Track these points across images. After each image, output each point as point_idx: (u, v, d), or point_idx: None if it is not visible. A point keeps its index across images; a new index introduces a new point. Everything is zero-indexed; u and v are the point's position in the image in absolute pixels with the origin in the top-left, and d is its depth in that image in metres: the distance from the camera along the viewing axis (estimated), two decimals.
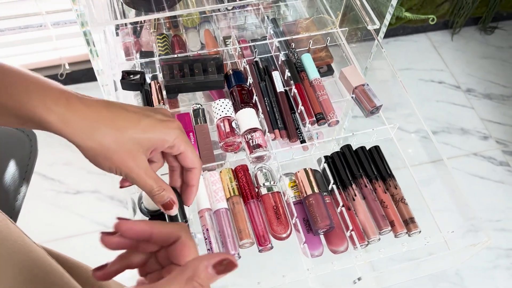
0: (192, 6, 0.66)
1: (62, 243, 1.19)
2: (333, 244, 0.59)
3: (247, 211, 0.61)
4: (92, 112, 0.39)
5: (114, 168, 0.41)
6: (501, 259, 1.25)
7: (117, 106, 0.41)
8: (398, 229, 0.60)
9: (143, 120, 0.41)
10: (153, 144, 0.42)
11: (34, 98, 0.37)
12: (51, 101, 0.38)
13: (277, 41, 0.79)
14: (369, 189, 0.63)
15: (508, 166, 1.43)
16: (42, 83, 0.38)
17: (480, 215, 1.32)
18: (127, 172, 0.42)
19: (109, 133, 0.39)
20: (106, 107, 0.40)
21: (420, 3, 1.57)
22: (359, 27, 0.79)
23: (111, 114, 0.40)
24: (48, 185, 1.28)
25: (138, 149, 0.41)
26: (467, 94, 1.59)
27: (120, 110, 0.41)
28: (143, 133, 0.41)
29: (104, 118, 0.40)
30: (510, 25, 1.80)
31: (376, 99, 0.71)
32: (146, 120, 0.42)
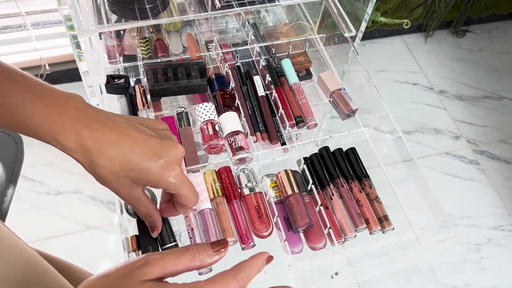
0: (176, 14, 0.68)
1: (44, 244, 1.19)
2: (312, 242, 0.62)
3: (230, 211, 0.64)
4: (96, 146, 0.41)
5: (109, 189, 0.44)
6: (471, 254, 1.31)
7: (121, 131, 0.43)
8: (373, 227, 0.64)
9: (144, 163, 0.43)
10: (148, 183, 0.45)
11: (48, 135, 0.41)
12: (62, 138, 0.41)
13: (258, 46, 0.82)
14: (346, 188, 0.66)
15: (478, 164, 1.49)
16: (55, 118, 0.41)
17: (451, 212, 1.38)
18: (121, 197, 0.45)
19: (107, 169, 0.42)
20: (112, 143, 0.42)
21: (395, 7, 1.62)
22: (336, 33, 0.83)
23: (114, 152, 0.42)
24: (29, 186, 1.28)
25: (132, 184, 0.44)
26: (440, 96, 1.65)
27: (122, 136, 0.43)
28: (140, 174, 0.43)
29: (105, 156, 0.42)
30: (480, 28, 1.87)
31: (352, 102, 0.74)
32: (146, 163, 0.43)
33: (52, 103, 0.41)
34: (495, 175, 1.47)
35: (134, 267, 0.34)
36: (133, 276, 0.33)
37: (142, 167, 0.43)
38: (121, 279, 0.33)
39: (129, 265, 0.34)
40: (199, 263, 0.37)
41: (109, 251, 1.21)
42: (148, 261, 0.34)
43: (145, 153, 0.43)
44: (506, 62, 1.78)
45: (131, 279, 0.33)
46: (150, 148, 0.43)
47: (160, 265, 0.35)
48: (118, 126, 0.43)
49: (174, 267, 0.36)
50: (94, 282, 0.33)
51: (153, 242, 0.58)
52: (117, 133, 0.42)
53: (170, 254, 0.36)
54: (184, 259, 0.36)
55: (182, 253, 0.36)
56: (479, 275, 1.27)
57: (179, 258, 0.36)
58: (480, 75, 1.73)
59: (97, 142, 0.41)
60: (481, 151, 1.53)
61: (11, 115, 0.40)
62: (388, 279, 1.24)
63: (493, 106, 1.65)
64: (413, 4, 1.64)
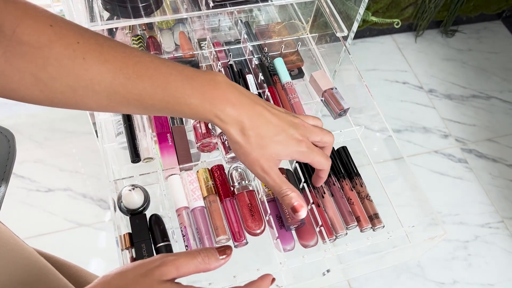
0: (169, 12, 0.68)
1: (35, 241, 1.19)
2: (304, 239, 0.63)
3: (223, 208, 0.64)
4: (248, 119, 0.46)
5: (249, 166, 0.49)
6: (459, 251, 1.33)
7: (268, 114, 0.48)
8: (363, 224, 0.65)
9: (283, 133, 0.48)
10: (287, 155, 0.49)
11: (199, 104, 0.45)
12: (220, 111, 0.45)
13: (251, 45, 0.82)
14: (337, 187, 0.67)
15: (466, 163, 1.51)
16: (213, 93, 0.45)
17: (440, 209, 1.40)
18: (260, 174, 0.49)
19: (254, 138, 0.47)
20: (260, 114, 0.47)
21: (385, 7, 1.63)
22: (328, 32, 0.83)
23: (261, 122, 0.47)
24: (19, 183, 1.28)
25: (274, 158, 0.49)
26: (429, 95, 1.67)
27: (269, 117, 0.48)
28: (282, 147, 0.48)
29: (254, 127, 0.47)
30: (469, 28, 1.89)
31: (343, 101, 0.75)
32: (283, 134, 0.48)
33: (205, 81, 0.45)
34: (482, 174, 1.49)
35: (152, 266, 0.36)
36: (152, 275, 0.35)
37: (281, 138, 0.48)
38: (141, 277, 0.35)
39: (147, 264, 0.36)
40: (208, 266, 0.40)
41: (100, 249, 1.21)
42: (165, 261, 0.37)
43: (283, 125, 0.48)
44: (494, 62, 1.80)
45: (150, 278, 0.35)
46: (287, 120, 0.49)
47: (175, 266, 0.37)
48: (258, 99, 0.48)
49: (187, 268, 0.38)
50: (112, 279, 0.35)
51: (146, 240, 0.58)
52: (260, 105, 0.47)
53: (184, 256, 0.38)
54: (196, 262, 0.39)
55: (194, 256, 0.39)
56: (467, 271, 1.30)
57: (192, 261, 0.39)
58: (469, 74, 1.75)
59: (247, 113, 0.46)
60: (469, 149, 1.55)
61: (172, 97, 0.43)
62: (377, 276, 1.25)
63: (481, 106, 1.67)
64: (403, 4, 1.65)
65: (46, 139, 1.35)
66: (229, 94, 0.45)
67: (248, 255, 0.64)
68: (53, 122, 1.39)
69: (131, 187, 0.61)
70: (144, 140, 0.68)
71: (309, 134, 0.51)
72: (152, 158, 0.67)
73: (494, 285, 1.28)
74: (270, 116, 0.48)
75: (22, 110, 1.41)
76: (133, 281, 0.34)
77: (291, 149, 0.49)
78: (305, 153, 0.50)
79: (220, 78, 0.46)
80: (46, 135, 1.36)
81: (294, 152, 0.50)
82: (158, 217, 0.61)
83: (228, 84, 0.46)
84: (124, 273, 0.35)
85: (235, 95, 0.46)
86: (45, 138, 1.36)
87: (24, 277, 0.44)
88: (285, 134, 0.48)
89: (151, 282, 0.34)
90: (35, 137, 1.36)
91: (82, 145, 1.35)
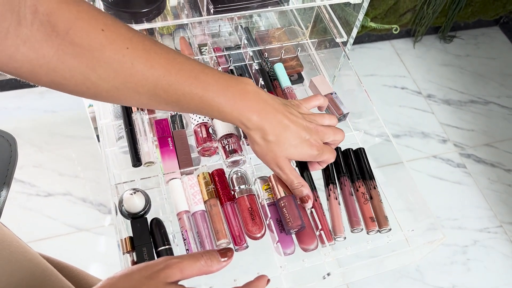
0: (170, 18, 0.69)
1: (34, 246, 1.18)
2: (304, 243, 0.63)
3: (223, 212, 0.65)
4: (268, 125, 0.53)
5: (265, 162, 0.57)
6: (458, 256, 1.34)
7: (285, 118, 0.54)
8: (370, 227, 0.65)
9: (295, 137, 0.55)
10: (298, 157, 0.57)
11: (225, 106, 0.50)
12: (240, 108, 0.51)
13: (251, 50, 0.83)
14: (349, 188, 0.68)
15: (464, 168, 1.52)
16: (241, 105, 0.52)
17: (439, 214, 1.41)
18: (275, 170, 0.58)
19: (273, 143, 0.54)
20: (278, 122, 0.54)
21: (384, 13, 1.64)
22: (327, 38, 0.84)
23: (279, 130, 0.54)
24: (18, 187, 1.28)
25: (286, 158, 0.56)
26: (428, 100, 1.68)
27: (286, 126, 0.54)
28: (295, 149, 0.55)
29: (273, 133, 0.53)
30: (467, 34, 1.91)
31: (343, 106, 0.76)
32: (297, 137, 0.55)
33: (236, 91, 0.50)
34: (481, 178, 1.50)
35: (157, 269, 0.37)
36: (158, 278, 0.36)
37: (297, 143, 0.55)
38: (147, 279, 0.36)
39: (151, 266, 0.37)
40: (210, 269, 0.41)
41: (99, 253, 1.21)
42: (169, 264, 0.38)
43: (299, 131, 0.55)
44: (491, 68, 1.81)
45: (156, 280, 0.36)
46: (303, 126, 0.55)
47: (180, 268, 0.38)
48: (279, 106, 0.54)
49: (190, 270, 0.39)
50: (118, 281, 0.35)
51: (147, 244, 0.59)
52: (281, 113, 0.54)
53: (188, 259, 0.39)
54: (199, 264, 0.40)
55: (198, 259, 0.40)
56: (466, 276, 1.30)
57: (195, 263, 0.39)
58: (467, 80, 1.76)
59: (269, 122, 0.53)
60: (468, 154, 1.55)
61: (206, 105, 0.49)
62: (376, 281, 1.25)
63: (479, 111, 1.68)
64: (402, 10, 1.67)
65: (46, 143, 1.36)
66: (255, 105, 0.52)
67: (248, 259, 0.64)
68: (53, 126, 1.40)
69: (132, 191, 0.61)
70: (145, 144, 0.68)
71: (322, 137, 0.58)
72: (153, 162, 0.67)
73: None
74: (288, 123, 0.54)
75: (22, 115, 1.41)
76: (139, 283, 0.35)
77: (304, 152, 0.56)
78: (316, 156, 0.58)
79: (250, 88, 0.52)
80: (46, 139, 1.37)
81: (306, 155, 0.57)
82: (159, 221, 0.61)
83: (255, 94, 0.52)
84: (129, 275, 0.35)
85: (260, 105, 0.52)
86: (45, 142, 1.36)
87: (27, 279, 0.44)
88: (300, 140, 0.55)
89: (156, 284, 0.35)
90: (35, 141, 1.36)
91: (82, 150, 1.36)
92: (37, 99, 1.44)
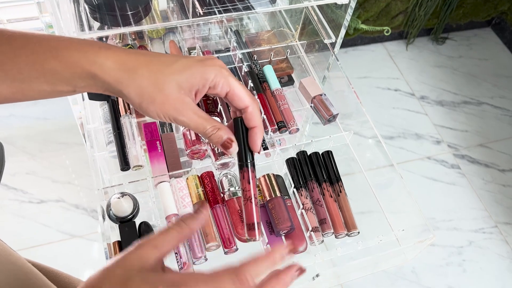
0: (158, 20, 0.69)
1: (27, 253, 1.18)
2: (293, 244, 0.63)
3: (213, 215, 0.64)
4: (129, 59, 0.41)
5: (161, 113, 0.42)
6: (454, 257, 1.33)
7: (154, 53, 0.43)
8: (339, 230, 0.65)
9: (180, 60, 0.42)
10: (192, 84, 0.42)
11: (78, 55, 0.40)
12: (92, 54, 0.40)
13: (240, 52, 0.83)
14: (329, 192, 0.67)
15: (459, 168, 1.52)
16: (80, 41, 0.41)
17: (434, 215, 1.40)
18: (176, 116, 0.42)
19: (146, 76, 0.41)
20: (142, 54, 0.42)
21: (376, 15, 1.65)
22: (316, 40, 0.84)
23: (147, 59, 0.42)
24: (11, 195, 1.27)
25: (179, 91, 0.41)
26: (421, 101, 1.68)
27: (156, 55, 0.43)
28: (180, 73, 0.41)
29: (140, 64, 0.41)
30: (459, 35, 1.91)
31: (332, 108, 0.76)
32: (182, 60, 0.42)
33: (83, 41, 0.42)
34: (475, 179, 1.50)
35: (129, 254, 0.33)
36: (132, 264, 0.33)
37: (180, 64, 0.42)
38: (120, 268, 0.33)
39: (125, 255, 0.33)
40: (188, 231, 0.36)
41: (93, 260, 1.20)
42: (140, 244, 0.34)
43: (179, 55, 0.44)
44: (484, 68, 1.82)
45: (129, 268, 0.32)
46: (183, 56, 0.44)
47: (153, 245, 0.34)
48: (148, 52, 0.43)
49: (167, 243, 0.35)
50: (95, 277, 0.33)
51: None
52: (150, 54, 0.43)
53: (159, 233, 0.35)
54: (173, 232, 0.36)
55: (169, 228, 0.36)
56: (461, 277, 1.29)
57: (168, 233, 0.35)
58: (460, 81, 1.77)
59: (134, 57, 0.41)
60: (462, 155, 1.55)
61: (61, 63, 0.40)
62: (372, 283, 1.25)
63: (473, 111, 1.68)
64: (393, 12, 1.67)
65: (40, 151, 1.35)
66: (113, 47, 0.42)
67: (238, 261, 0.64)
68: (46, 133, 1.39)
69: (120, 195, 0.61)
70: (133, 148, 0.68)
71: None
72: (141, 165, 0.67)
73: None
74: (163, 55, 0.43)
75: (15, 122, 1.41)
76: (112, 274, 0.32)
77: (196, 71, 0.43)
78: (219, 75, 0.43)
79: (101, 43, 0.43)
80: (39, 147, 1.36)
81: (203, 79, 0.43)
82: (148, 224, 0.61)
83: None
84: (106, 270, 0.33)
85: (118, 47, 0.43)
86: (38, 150, 1.35)
87: (10, 281, 0.43)
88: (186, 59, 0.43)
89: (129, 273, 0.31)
90: (28, 149, 1.35)
91: (75, 156, 1.35)
92: (29, 106, 1.44)
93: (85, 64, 0.40)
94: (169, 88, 0.41)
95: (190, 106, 0.42)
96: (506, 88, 1.76)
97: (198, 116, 0.43)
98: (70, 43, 0.40)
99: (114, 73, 0.40)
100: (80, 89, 0.42)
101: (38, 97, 0.41)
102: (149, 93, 0.41)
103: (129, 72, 0.41)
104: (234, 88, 0.43)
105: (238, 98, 0.44)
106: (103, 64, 0.40)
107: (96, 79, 0.41)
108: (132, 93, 0.41)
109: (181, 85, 0.42)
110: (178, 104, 0.42)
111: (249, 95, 0.45)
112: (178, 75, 0.42)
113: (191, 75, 0.42)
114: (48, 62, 0.39)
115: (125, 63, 0.41)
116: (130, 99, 0.42)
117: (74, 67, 0.40)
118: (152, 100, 0.41)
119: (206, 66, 0.42)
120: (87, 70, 0.40)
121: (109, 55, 0.41)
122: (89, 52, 0.40)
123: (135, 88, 0.41)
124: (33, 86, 0.40)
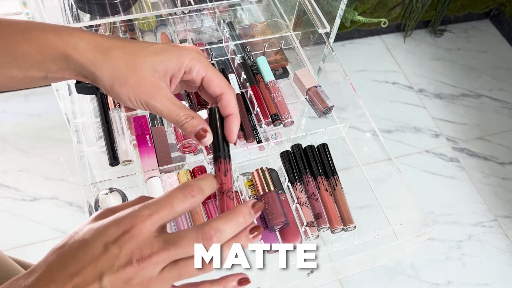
0: (148, 10, 0.67)
1: (20, 252, 1.16)
2: (288, 240, 0.61)
3: (205, 211, 0.62)
4: (104, 41, 0.40)
5: (133, 97, 0.40)
6: (453, 251, 1.32)
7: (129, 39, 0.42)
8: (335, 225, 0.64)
9: (156, 44, 0.41)
10: (167, 68, 0.41)
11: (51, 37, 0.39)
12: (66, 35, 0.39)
13: (233, 44, 0.81)
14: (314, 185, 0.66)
15: (457, 162, 1.50)
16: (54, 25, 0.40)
17: (433, 209, 1.39)
18: (148, 100, 0.40)
19: (121, 57, 0.39)
20: (117, 38, 0.41)
21: (373, 7, 1.63)
22: (311, 30, 0.82)
23: (122, 42, 0.41)
24: (3, 192, 1.25)
25: (153, 74, 0.40)
26: (419, 94, 1.66)
27: (132, 40, 0.42)
28: (155, 56, 0.40)
29: (115, 45, 0.40)
30: (457, 28, 1.89)
31: (328, 100, 0.74)
32: (158, 44, 0.41)
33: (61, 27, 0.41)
34: (474, 172, 1.48)
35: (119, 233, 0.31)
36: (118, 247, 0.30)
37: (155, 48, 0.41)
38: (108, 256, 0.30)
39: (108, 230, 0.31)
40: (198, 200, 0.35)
41: None
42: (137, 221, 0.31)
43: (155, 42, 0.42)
44: (483, 61, 1.80)
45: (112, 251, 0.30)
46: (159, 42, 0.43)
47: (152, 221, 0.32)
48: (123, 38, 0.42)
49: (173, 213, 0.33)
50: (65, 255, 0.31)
51: None
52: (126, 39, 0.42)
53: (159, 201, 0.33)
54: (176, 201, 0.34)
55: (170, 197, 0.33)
56: (461, 271, 1.28)
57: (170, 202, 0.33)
58: (458, 73, 1.75)
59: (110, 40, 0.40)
60: (461, 148, 1.54)
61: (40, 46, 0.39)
62: (371, 278, 1.23)
63: (471, 104, 1.66)
64: (391, 4, 1.65)
65: (33, 147, 1.33)
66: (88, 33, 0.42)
67: None
68: (39, 130, 1.37)
69: (108, 191, 0.59)
70: (122, 142, 0.66)
71: None
72: (131, 160, 0.65)
73: (488, 285, 1.26)
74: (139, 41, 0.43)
75: (7, 119, 1.39)
76: None
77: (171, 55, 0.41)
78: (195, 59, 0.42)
79: None
80: (32, 143, 1.34)
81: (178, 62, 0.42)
82: None
83: None
84: None
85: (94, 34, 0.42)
86: (31, 147, 1.33)
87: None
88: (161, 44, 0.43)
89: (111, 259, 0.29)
90: (21, 146, 1.33)
91: (69, 153, 1.33)
92: (22, 102, 1.42)
93: (58, 45, 0.39)
94: (143, 70, 0.39)
95: (164, 91, 0.40)
96: (505, 81, 1.74)
97: (171, 102, 0.41)
98: (43, 26, 0.39)
99: (88, 54, 0.39)
100: (52, 74, 0.40)
101: (9, 84, 0.40)
102: (123, 74, 0.39)
103: (104, 52, 0.39)
104: (210, 73, 0.42)
105: (215, 84, 0.42)
106: (77, 44, 0.39)
107: (68, 60, 0.39)
108: (105, 74, 0.39)
109: (156, 68, 0.40)
110: (152, 88, 0.40)
111: (225, 81, 0.43)
112: (153, 57, 0.40)
113: (167, 57, 0.40)
114: (20, 45, 0.38)
115: (100, 44, 0.40)
116: (102, 81, 0.40)
117: (47, 49, 0.39)
118: (125, 81, 0.39)
119: (182, 50, 0.41)
120: (60, 51, 0.39)
121: (84, 36, 0.40)
122: (64, 33, 0.39)
123: (108, 69, 0.39)
124: (3, 71, 0.38)
